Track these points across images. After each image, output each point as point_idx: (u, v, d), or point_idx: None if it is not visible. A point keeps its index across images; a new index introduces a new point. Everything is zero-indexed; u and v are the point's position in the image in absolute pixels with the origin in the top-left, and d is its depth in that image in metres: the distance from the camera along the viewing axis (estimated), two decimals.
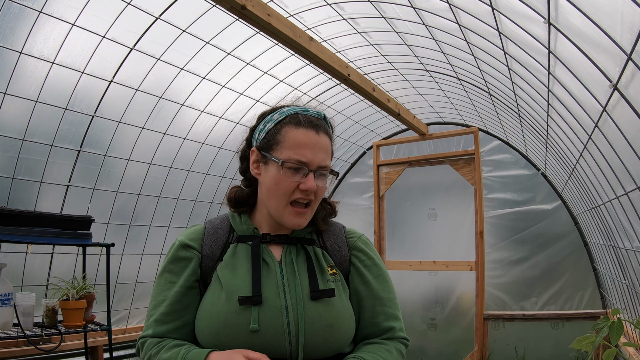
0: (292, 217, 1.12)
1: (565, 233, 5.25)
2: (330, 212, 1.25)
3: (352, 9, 3.64)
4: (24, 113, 3.25)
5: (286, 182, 1.09)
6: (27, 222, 2.51)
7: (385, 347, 1.13)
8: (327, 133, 1.15)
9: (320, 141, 1.12)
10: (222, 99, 4.40)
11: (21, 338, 2.42)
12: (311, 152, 1.09)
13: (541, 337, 5.19)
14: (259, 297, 1.06)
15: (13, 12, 2.82)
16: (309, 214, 1.14)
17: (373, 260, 1.22)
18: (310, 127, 1.11)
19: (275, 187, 1.11)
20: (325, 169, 1.12)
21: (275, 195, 1.12)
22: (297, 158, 1.09)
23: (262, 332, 1.04)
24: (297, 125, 1.12)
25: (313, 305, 1.08)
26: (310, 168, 1.09)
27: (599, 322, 1.30)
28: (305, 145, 1.09)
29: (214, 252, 1.15)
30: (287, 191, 1.10)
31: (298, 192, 1.10)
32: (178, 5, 3.23)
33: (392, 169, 5.14)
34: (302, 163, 1.09)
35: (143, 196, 4.37)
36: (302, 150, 1.09)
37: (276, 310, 1.06)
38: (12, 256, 3.44)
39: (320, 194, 1.14)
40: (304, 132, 1.11)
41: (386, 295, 1.19)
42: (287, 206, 1.11)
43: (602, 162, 2.54)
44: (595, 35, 1.71)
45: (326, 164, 1.12)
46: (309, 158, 1.09)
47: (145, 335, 1.11)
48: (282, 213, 1.12)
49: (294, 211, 1.11)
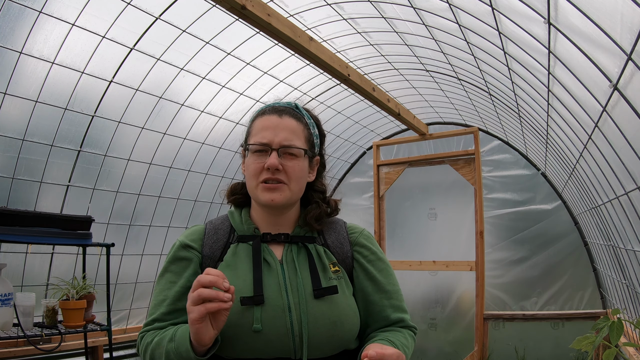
0: (264, 192, 1.13)
1: (565, 233, 5.25)
2: (327, 212, 1.23)
3: (352, 9, 3.64)
4: (24, 113, 3.25)
5: (253, 164, 1.14)
6: (27, 222, 2.51)
7: (400, 333, 1.15)
8: (294, 117, 1.18)
9: (283, 122, 1.15)
10: (222, 99, 4.40)
11: (21, 338, 2.42)
12: (272, 132, 1.13)
13: (541, 337, 5.19)
14: (261, 296, 1.06)
15: (13, 12, 2.82)
16: (285, 191, 1.13)
17: (376, 254, 1.22)
18: (273, 113, 1.17)
19: (247, 172, 1.16)
20: (291, 147, 1.14)
21: (248, 180, 1.16)
22: (259, 140, 1.14)
23: (265, 332, 1.04)
24: (262, 114, 1.19)
25: (316, 304, 1.08)
26: (272, 147, 1.12)
27: (599, 322, 1.30)
28: (267, 128, 1.14)
29: (214, 252, 1.15)
30: (255, 172, 1.13)
31: (265, 172, 1.12)
32: (178, 5, 3.23)
33: (392, 169, 5.14)
34: (263, 144, 1.13)
35: (143, 196, 4.37)
36: (263, 133, 1.14)
37: (279, 310, 1.06)
38: (12, 256, 3.44)
39: (293, 173, 1.14)
40: (267, 117, 1.17)
41: (392, 288, 1.20)
42: (258, 185, 1.14)
43: (602, 162, 2.54)
44: (595, 35, 1.71)
45: (290, 143, 1.14)
46: (270, 138, 1.13)
47: (145, 331, 1.12)
48: (256, 193, 1.15)
49: (264, 187, 1.13)
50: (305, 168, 1.17)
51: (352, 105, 5.36)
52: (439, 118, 6.07)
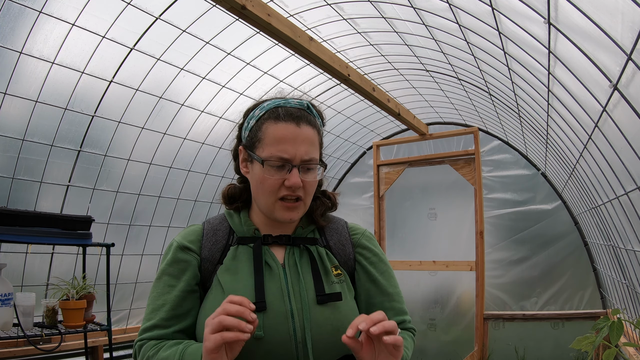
0: (283, 211, 1.08)
1: (565, 233, 5.25)
2: (330, 206, 1.21)
3: (352, 9, 3.64)
4: (24, 113, 3.25)
5: (270, 180, 1.05)
6: (27, 222, 2.51)
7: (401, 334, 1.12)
8: (310, 123, 1.09)
9: (303, 133, 1.06)
10: (222, 99, 4.40)
11: (21, 338, 2.41)
12: (292, 146, 1.04)
13: (541, 337, 5.19)
14: (263, 302, 1.02)
15: (13, 12, 2.82)
16: (302, 208, 1.10)
17: (378, 256, 1.20)
18: (290, 120, 1.06)
19: (260, 185, 1.07)
20: (311, 162, 1.07)
21: (262, 194, 1.08)
22: (279, 155, 1.04)
23: (267, 338, 1.00)
24: (277, 120, 1.07)
25: (319, 309, 1.05)
26: (293, 164, 1.05)
27: (599, 322, 1.30)
28: (286, 140, 1.04)
29: (213, 254, 1.11)
30: (272, 189, 1.06)
31: (284, 190, 1.06)
32: (178, 5, 3.23)
33: (392, 169, 5.14)
34: (284, 160, 1.04)
35: (143, 196, 4.37)
36: (282, 146, 1.04)
37: (281, 316, 1.03)
38: (12, 256, 3.44)
39: (310, 187, 1.09)
40: (284, 126, 1.05)
41: (393, 290, 1.19)
42: (276, 202, 1.07)
43: (602, 162, 2.54)
44: (596, 35, 1.71)
45: (311, 157, 1.06)
46: (291, 153, 1.04)
47: (143, 338, 1.07)
48: (272, 209, 1.08)
49: (284, 206, 1.07)
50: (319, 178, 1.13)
51: (352, 105, 5.36)
52: (439, 118, 6.07)
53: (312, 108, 1.13)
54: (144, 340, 1.06)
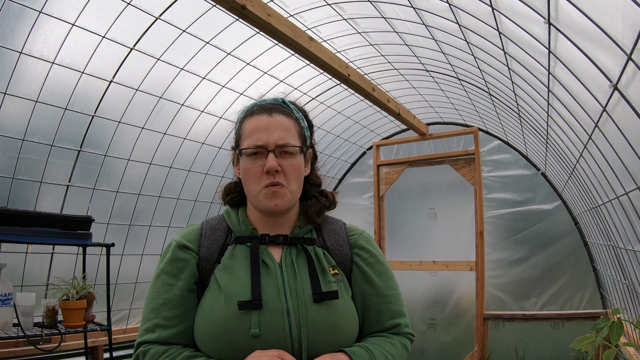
0: (267, 199, 1.10)
1: (565, 233, 5.25)
2: (327, 205, 1.22)
3: (352, 9, 3.64)
4: (24, 113, 3.25)
5: (252, 168, 1.11)
6: (27, 222, 2.51)
7: (390, 341, 1.13)
8: (284, 113, 1.16)
9: (275, 121, 1.13)
10: (222, 99, 4.40)
11: (21, 338, 2.41)
12: (265, 133, 1.11)
13: (541, 337, 5.19)
14: (259, 300, 1.03)
15: (13, 12, 2.82)
16: (287, 196, 1.12)
17: (376, 257, 1.20)
18: (263, 112, 1.14)
19: (245, 177, 1.13)
20: (286, 146, 1.11)
21: (249, 186, 1.13)
22: (254, 143, 1.11)
23: (263, 336, 1.02)
24: (251, 115, 1.16)
25: (315, 308, 1.06)
26: (268, 149, 1.10)
27: (599, 322, 1.30)
28: (259, 129, 1.12)
29: (211, 253, 1.12)
30: (255, 177, 1.11)
31: (266, 177, 1.10)
32: (178, 5, 3.23)
33: (392, 169, 5.14)
34: (258, 147, 1.11)
35: (143, 196, 4.37)
36: (257, 135, 1.11)
37: (277, 314, 1.04)
38: (12, 256, 3.44)
39: (290, 172, 1.12)
40: (257, 118, 1.14)
41: (390, 292, 1.18)
42: (261, 190, 1.11)
43: (602, 162, 2.54)
44: (596, 35, 1.71)
45: (286, 141, 1.12)
46: (264, 140, 1.11)
47: (146, 341, 1.06)
48: (259, 199, 1.11)
49: (267, 192, 1.10)
50: (302, 165, 1.16)
51: (352, 105, 5.36)
52: (439, 118, 6.07)
53: (288, 102, 1.21)
54: (148, 344, 1.06)
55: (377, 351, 1.08)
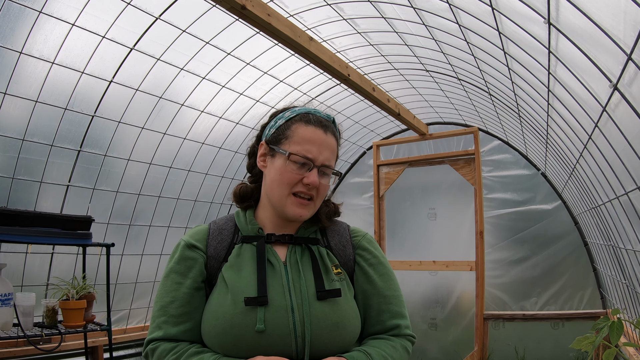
0: (294, 207, 1.14)
1: (565, 233, 5.25)
2: (335, 211, 1.28)
3: (352, 10, 3.64)
4: (24, 113, 3.25)
5: (290, 173, 1.13)
6: (27, 222, 2.51)
7: (390, 343, 1.14)
8: (334, 135, 1.20)
9: (327, 140, 1.16)
10: (222, 99, 4.40)
11: (21, 338, 2.42)
12: (317, 149, 1.14)
13: (541, 337, 5.19)
14: (265, 297, 1.07)
15: (13, 12, 2.82)
16: (312, 208, 1.17)
17: (378, 258, 1.23)
18: (319, 126, 1.16)
19: (279, 177, 1.14)
20: (329, 168, 1.16)
21: (278, 186, 1.15)
22: (304, 153, 1.13)
23: (268, 332, 1.04)
24: (307, 123, 1.16)
25: (319, 305, 1.09)
26: (315, 164, 1.13)
27: (599, 322, 1.30)
28: (313, 142, 1.14)
29: (219, 252, 1.16)
30: (290, 182, 1.13)
31: (301, 185, 1.13)
32: (178, 5, 3.22)
33: (392, 169, 5.14)
34: (307, 158, 1.13)
35: (143, 196, 4.37)
36: (309, 146, 1.14)
37: (282, 311, 1.06)
38: (12, 256, 3.44)
39: (323, 191, 1.17)
40: (313, 129, 1.16)
41: (391, 293, 1.20)
42: (289, 196, 1.14)
43: (602, 162, 2.54)
44: (596, 35, 1.71)
45: (330, 163, 1.16)
46: (315, 154, 1.13)
47: (155, 338, 1.09)
48: (284, 203, 1.15)
49: (297, 201, 1.14)
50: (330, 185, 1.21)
51: (352, 105, 5.36)
52: (439, 118, 6.07)
53: (336, 123, 1.24)
54: (156, 342, 1.09)
55: (377, 354, 1.09)
